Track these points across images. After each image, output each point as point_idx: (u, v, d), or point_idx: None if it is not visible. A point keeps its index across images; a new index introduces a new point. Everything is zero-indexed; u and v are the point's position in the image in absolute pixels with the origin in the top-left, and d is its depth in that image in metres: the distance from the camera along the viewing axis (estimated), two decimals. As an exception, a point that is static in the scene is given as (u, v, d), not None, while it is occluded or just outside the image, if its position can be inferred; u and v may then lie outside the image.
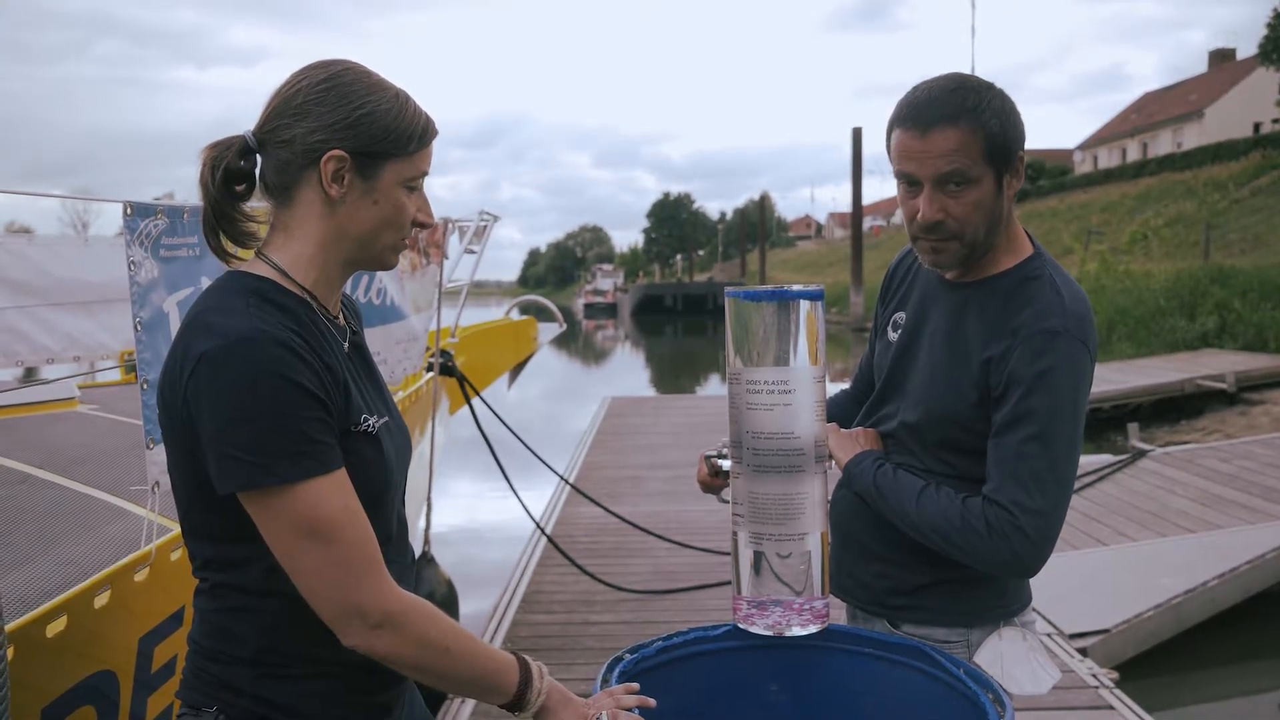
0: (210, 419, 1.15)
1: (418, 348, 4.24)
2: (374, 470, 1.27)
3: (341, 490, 1.19)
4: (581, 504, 6.61)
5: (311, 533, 1.16)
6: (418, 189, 1.31)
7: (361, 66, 1.30)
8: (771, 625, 1.48)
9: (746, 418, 1.46)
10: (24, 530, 2.39)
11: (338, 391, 1.23)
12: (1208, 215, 27.02)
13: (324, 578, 1.17)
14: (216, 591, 1.27)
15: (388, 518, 1.32)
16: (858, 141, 30.76)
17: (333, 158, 1.23)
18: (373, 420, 1.28)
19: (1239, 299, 15.68)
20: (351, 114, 1.24)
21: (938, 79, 1.55)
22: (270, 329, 1.17)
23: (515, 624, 4.66)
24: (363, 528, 1.20)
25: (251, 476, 1.15)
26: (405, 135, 1.27)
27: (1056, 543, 1.51)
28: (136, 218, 2.09)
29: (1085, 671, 4.04)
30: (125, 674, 1.93)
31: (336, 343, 1.29)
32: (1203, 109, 45.34)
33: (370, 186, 1.26)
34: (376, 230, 1.28)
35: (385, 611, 1.18)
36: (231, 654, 1.25)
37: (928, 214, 1.54)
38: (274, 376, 1.15)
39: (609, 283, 73.24)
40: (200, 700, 1.25)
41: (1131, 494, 7.13)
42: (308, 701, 1.25)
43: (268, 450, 1.14)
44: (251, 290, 1.23)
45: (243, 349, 1.15)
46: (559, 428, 12.36)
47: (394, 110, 1.26)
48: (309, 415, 1.17)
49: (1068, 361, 1.50)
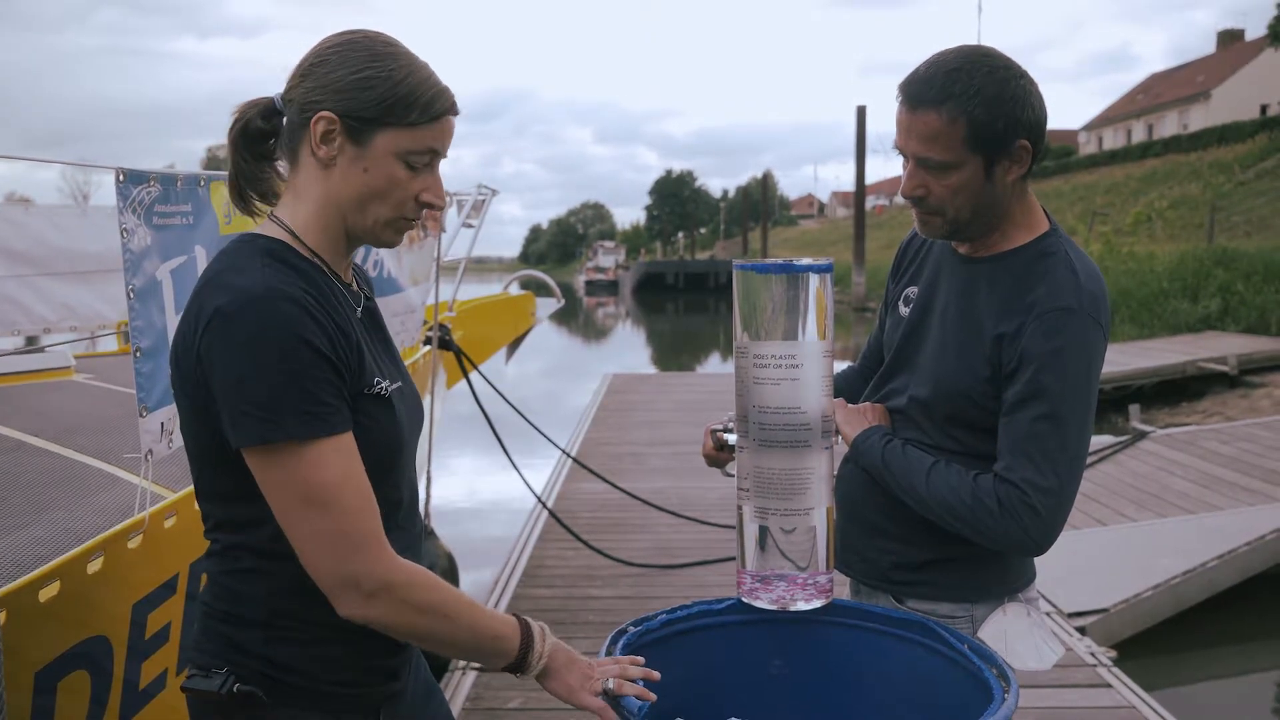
0: (223, 374, 1.15)
1: (415, 320, 4.22)
2: (387, 433, 1.27)
3: (344, 456, 1.18)
4: (582, 479, 6.61)
5: (311, 497, 1.16)
6: (424, 167, 1.27)
7: (385, 37, 1.27)
8: (776, 600, 1.47)
9: (753, 392, 1.44)
10: (17, 497, 2.38)
11: (351, 353, 1.22)
12: (1213, 197, 26.93)
13: (320, 545, 1.17)
14: (227, 554, 1.27)
15: (398, 482, 1.32)
16: (862, 120, 30.58)
17: (322, 118, 1.22)
18: (385, 384, 1.27)
19: (1242, 281, 15.64)
20: (348, 76, 1.22)
21: (949, 53, 1.51)
22: (285, 286, 1.17)
23: (516, 598, 4.67)
24: (363, 497, 1.19)
25: (261, 432, 1.15)
26: (402, 104, 1.23)
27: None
28: (129, 184, 2.06)
29: (1084, 650, 4.05)
30: (119, 640, 1.93)
31: (350, 306, 1.29)
32: (1210, 90, 45.10)
33: (360, 153, 1.23)
34: (364, 200, 1.25)
35: (382, 581, 1.18)
36: (241, 616, 1.26)
37: (906, 189, 1.56)
38: (287, 334, 1.15)
39: (611, 260, 73.09)
40: (210, 661, 1.26)
41: (1132, 475, 7.13)
42: (316, 664, 1.26)
43: (278, 406, 1.14)
44: (265, 250, 1.23)
45: (257, 305, 1.15)
46: (560, 404, 12.36)
47: (395, 78, 1.22)
48: (319, 375, 1.16)
49: (1081, 340, 1.49)
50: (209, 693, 1.22)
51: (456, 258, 5.21)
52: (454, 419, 6.55)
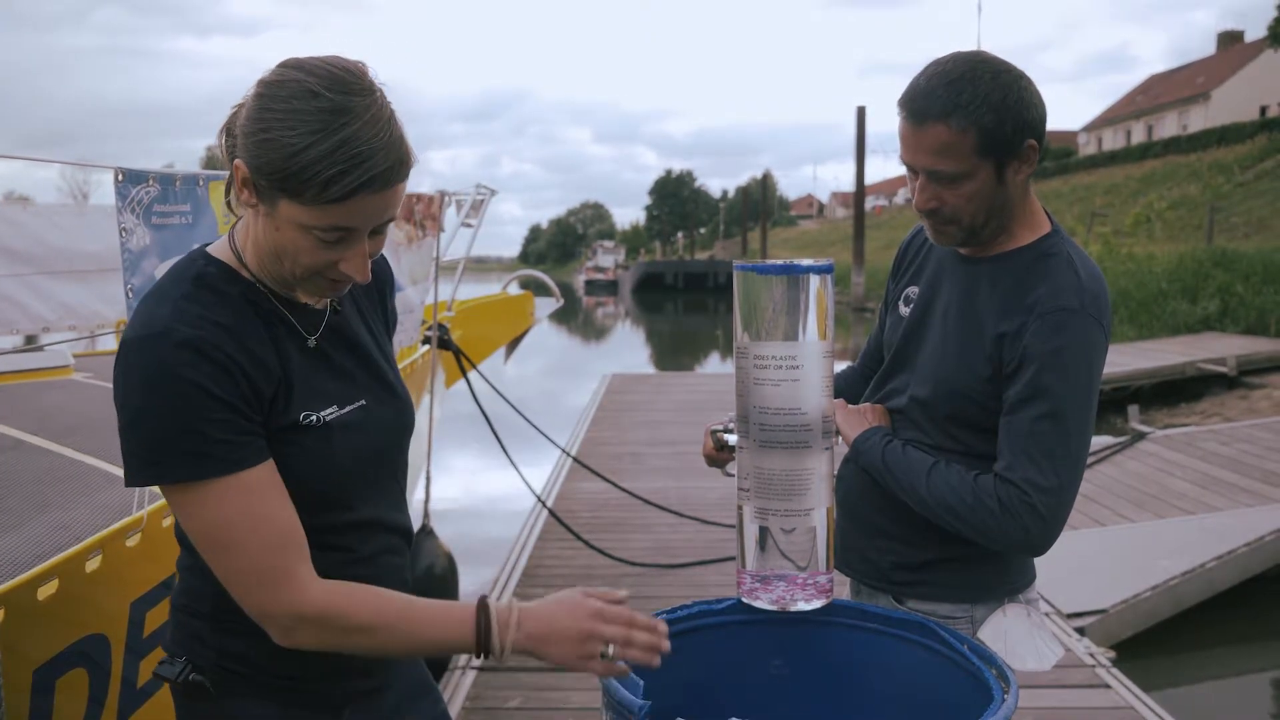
0: (119, 409, 1.16)
1: (413, 320, 4.22)
2: (321, 462, 1.24)
3: (244, 493, 1.16)
4: (582, 479, 6.60)
5: (209, 537, 1.17)
6: (338, 242, 1.15)
7: (318, 83, 1.11)
8: (776, 600, 1.47)
9: (754, 393, 1.44)
10: (16, 495, 2.38)
11: (268, 385, 1.20)
12: (1212, 198, 26.91)
13: (230, 582, 1.19)
14: (184, 548, 1.31)
15: (349, 504, 1.29)
16: (861, 120, 30.59)
17: (238, 166, 1.16)
18: (322, 414, 1.24)
19: (1241, 282, 15.63)
20: (254, 133, 1.12)
21: (950, 62, 1.49)
22: (184, 326, 1.14)
23: (516, 598, 4.64)
24: (266, 533, 1.17)
25: (145, 474, 1.16)
26: (297, 180, 1.10)
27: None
28: (128, 184, 2.07)
29: (1083, 650, 4.05)
30: (117, 638, 1.93)
31: (292, 332, 1.25)
32: (1209, 91, 45.09)
33: (269, 210, 1.16)
34: (278, 254, 1.19)
35: (292, 615, 1.18)
36: (194, 608, 1.29)
37: (920, 203, 1.55)
38: (170, 377, 1.13)
39: (610, 260, 73.11)
40: (175, 650, 1.31)
41: (1131, 476, 7.13)
42: (265, 657, 1.26)
43: (160, 449, 1.14)
44: (196, 276, 1.21)
45: (147, 345, 1.14)
46: (559, 404, 12.34)
47: (294, 149, 1.09)
48: (208, 415, 1.14)
49: (1082, 340, 1.48)
50: (169, 679, 1.28)
51: (455, 257, 5.21)
52: (453, 418, 6.55)
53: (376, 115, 1.12)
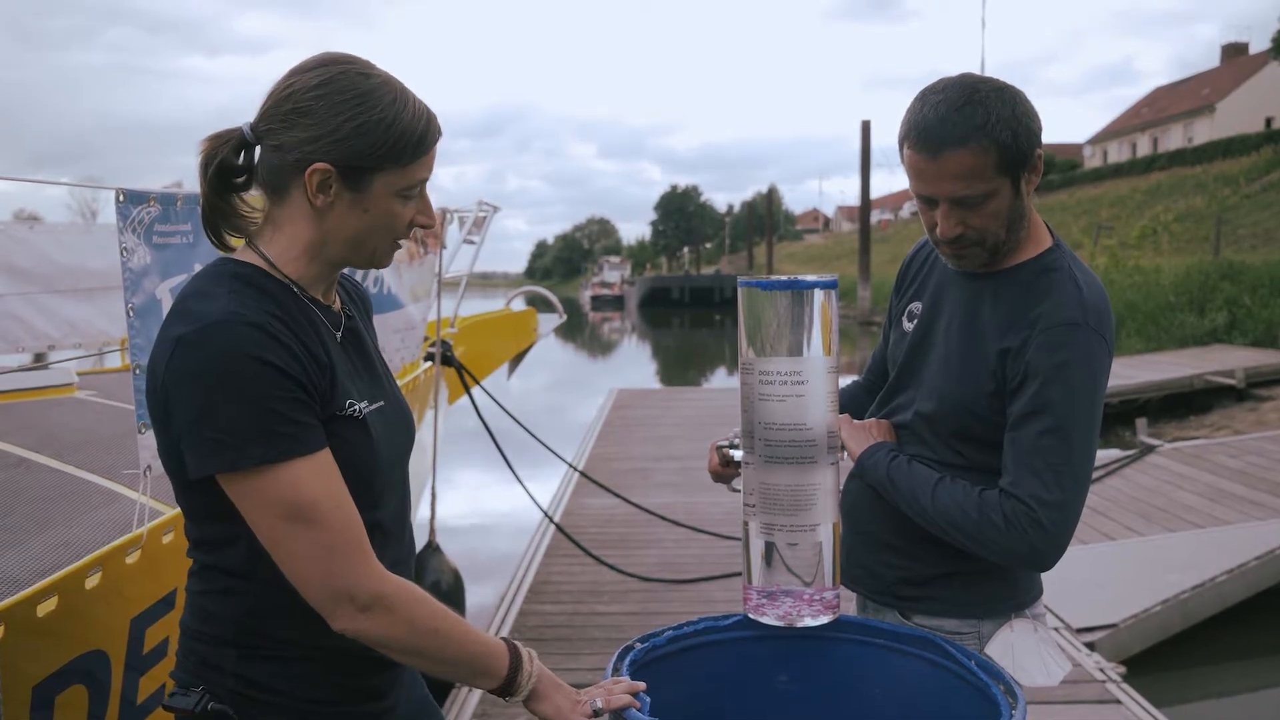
0: (186, 403, 1.15)
1: (415, 336, 4.22)
2: (361, 454, 1.26)
3: (323, 472, 1.18)
4: (588, 495, 6.58)
5: (293, 515, 1.15)
6: (416, 196, 1.27)
7: (359, 66, 1.23)
8: (782, 616, 1.46)
9: (759, 408, 1.44)
10: (18, 513, 2.38)
11: (320, 375, 1.21)
12: (1218, 210, 26.90)
13: (310, 561, 1.16)
14: (203, 574, 1.28)
15: (377, 503, 1.30)
16: (866, 134, 30.64)
17: (317, 170, 1.20)
18: (360, 405, 1.26)
19: (1249, 295, 15.59)
20: (340, 127, 1.19)
21: (946, 89, 1.49)
22: (245, 311, 1.16)
23: (523, 614, 4.64)
24: (348, 510, 1.19)
25: (227, 459, 1.14)
26: (397, 148, 1.22)
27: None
28: (129, 204, 2.09)
29: (1093, 665, 4.02)
30: (116, 655, 1.92)
31: (325, 328, 1.28)
32: (1214, 103, 45.14)
33: (359, 197, 1.23)
34: (364, 236, 1.26)
35: (374, 593, 1.18)
36: (214, 635, 1.26)
37: (946, 231, 1.53)
38: (245, 357, 1.14)
39: (616, 275, 73.20)
40: (188, 680, 1.27)
41: (1139, 489, 7.09)
42: (290, 682, 1.25)
43: (241, 431, 1.13)
44: (234, 275, 1.22)
45: (215, 332, 1.14)
46: (565, 419, 12.34)
47: (386, 121, 1.21)
48: (283, 394, 1.15)
49: (1086, 354, 1.48)
50: (186, 710, 1.23)
51: (458, 274, 5.22)
52: (459, 434, 6.54)
53: (393, 78, 1.25)
